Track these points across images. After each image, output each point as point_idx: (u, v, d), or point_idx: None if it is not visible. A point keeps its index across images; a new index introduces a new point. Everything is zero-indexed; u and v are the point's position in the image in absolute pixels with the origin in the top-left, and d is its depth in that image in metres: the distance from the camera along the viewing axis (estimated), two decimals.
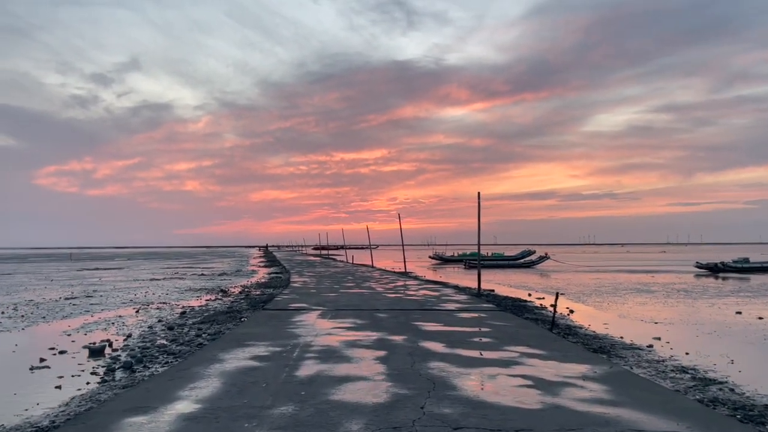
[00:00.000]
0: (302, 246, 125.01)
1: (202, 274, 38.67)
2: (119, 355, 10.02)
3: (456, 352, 8.29)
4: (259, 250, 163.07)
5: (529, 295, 21.88)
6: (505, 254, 63.31)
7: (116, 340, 11.76)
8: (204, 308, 17.30)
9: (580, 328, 13.14)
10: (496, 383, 6.39)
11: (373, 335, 9.83)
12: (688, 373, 8.46)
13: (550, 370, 7.12)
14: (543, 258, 50.58)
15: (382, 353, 8.15)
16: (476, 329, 10.61)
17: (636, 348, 10.51)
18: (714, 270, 39.35)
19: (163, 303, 19.38)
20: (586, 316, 15.49)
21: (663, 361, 9.39)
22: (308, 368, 7.12)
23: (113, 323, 14.50)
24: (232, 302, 18.83)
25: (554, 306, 11.40)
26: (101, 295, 22.34)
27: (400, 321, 11.70)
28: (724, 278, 34.43)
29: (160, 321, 14.59)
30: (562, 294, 22.74)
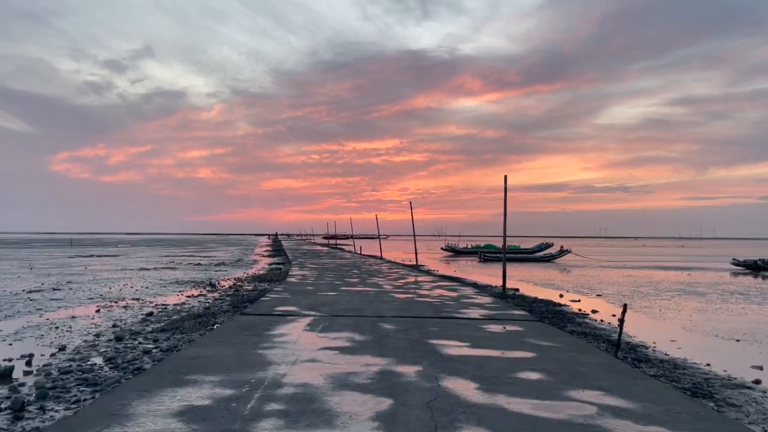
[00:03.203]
0: (311, 235, 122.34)
1: (198, 264, 36.01)
2: (24, 383, 7.26)
3: (498, 402, 5.41)
4: (268, 238, 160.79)
5: (561, 296, 18.91)
6: (521, 246, 60.17)
7: (42, 355, 9.03)
8: (177, 308, 14.54)
9: (646, 347, 10.21)
10: None
11: (375, 363, 6.97)
12: None
13: None
14: (563, 251, 47.47)
15: (385, 404, 5.28)
16: (516, 353, 7.73)
17: (741, 386, 7.57)
18: (753, 268, 36.14)
19: (136, 299, 16.65)
20: (643, 329, 12.52)
21: None
22: None
23: (57, 327, 11.77)
24: (215, 300, 16.10)
25: (621, 323, 8.43)
26: (71, 288, 19.65)
27: (411, 337, 8.84)
28: (764, 277, 31.28)
29: (115, 326, 11.83)
30: (598, 295, 19.78)
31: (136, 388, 5.77)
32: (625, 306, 8.52)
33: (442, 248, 65.28)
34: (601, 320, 13.49)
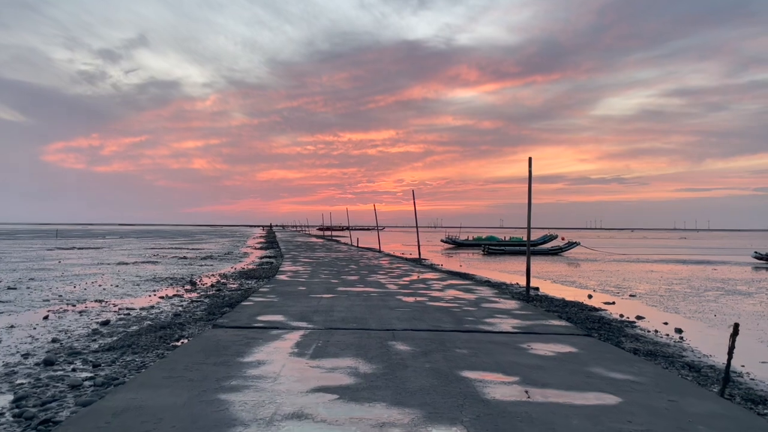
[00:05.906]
0: (306, 226, 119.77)
1: (184, 257, 33.55)
2: None
3: None
4: (263, 230, 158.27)
5: (590, 297, 16.59)
6: (523, 239, 57.88)
7: None
8: (143, 314, 12.15)
9: (739, 375, 7.88)
10: None
11: (393, 422, 4.59)
12: None
13: None
14: (572, 244, 45.23)
15: None
16: (590, 397, 5.38)
17: None
18: None
19: (98, 302, 14.25)
20: (711, 342, 10.18)
21: None
22: None
23: None
24: (190, 303, 13.75)
25: (730, 352, 6.09)
26: (29, 287, 17.21)
27: (436, 366, 6.48)
28: None
29: (54, 341, 9.43)
30: (632, 296, 17.46)
31: None
32: (735, 327, 6.15)
33: (442, 240, 63.09)
34: (656, 331, 11.17)
